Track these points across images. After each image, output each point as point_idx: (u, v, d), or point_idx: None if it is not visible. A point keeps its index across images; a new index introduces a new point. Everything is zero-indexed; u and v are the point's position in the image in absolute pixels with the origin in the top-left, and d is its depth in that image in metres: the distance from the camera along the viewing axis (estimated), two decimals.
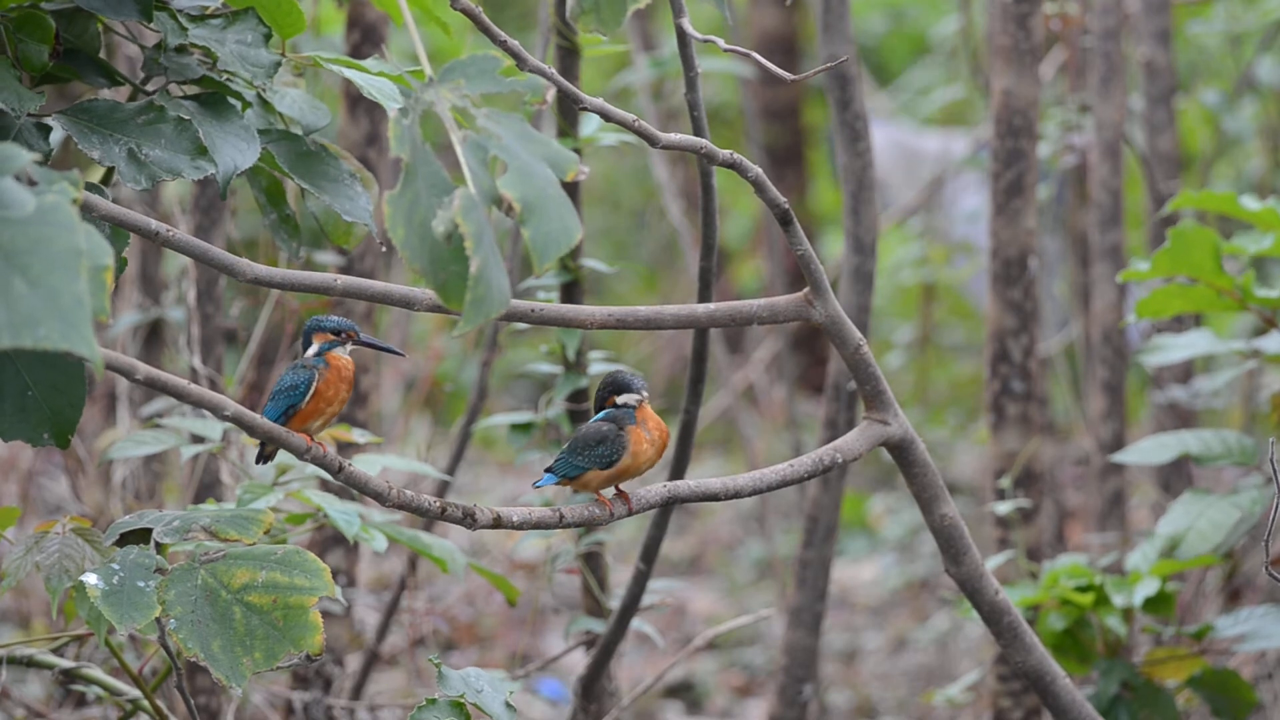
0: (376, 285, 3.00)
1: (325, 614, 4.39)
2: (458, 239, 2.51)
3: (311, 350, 3.11)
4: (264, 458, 3.16)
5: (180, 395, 2.80)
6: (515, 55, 2.93)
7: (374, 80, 3.14)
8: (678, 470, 4.06)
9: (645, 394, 3.22)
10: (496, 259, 2.52)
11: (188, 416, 4.52)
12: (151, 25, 3.07)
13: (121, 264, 3.03)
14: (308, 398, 3.06)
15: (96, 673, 3.79)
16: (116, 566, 2.96)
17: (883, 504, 9.00)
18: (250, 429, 2.90)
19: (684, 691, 7.21)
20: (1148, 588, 4.41)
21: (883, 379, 3.35)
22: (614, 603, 4.48)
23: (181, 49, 3.13)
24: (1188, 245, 4.40)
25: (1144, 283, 4.74)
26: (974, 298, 9.94)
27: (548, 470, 3.24)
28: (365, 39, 4.99)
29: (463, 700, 3.09)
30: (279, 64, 3.14)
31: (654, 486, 3.22)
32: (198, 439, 4.03)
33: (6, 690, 4.85)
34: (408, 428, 7.29)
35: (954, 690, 5.09)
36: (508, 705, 3.09)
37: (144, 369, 2.76)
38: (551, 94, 2.68)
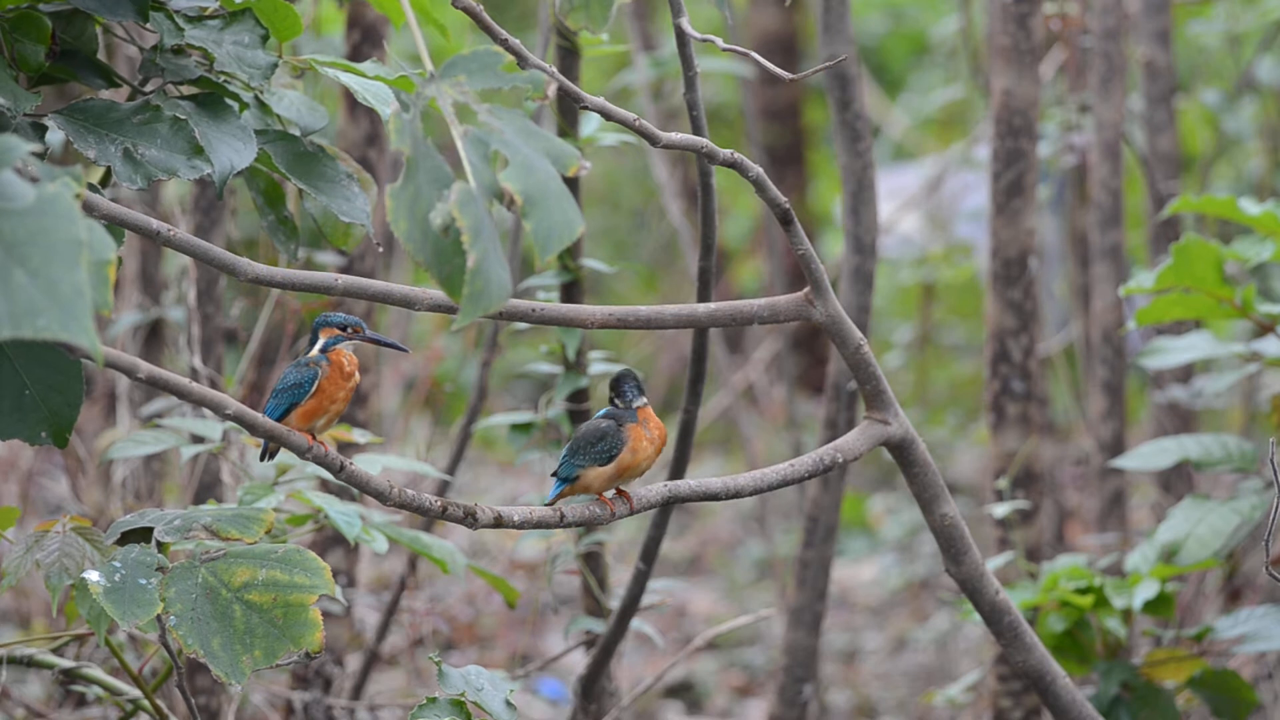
0: (377, 285, 3.00)
1: (325, 614, 4.39)
2: (455, 232, 2.51)
3: (318, 345, 3.11)
4: (268, 454, 3.17)
5: (182, 394, 2.80)
6: (517, 54, 2.93)
7: (368, 84, 3.14)
8: (678, 470, 4.06)
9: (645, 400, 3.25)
10: (496, 252, 2.52)
11: (188, 416, 4.52)
12: (148, 26, 3.07)
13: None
14: (310, 395, 3.06)
15: (96, 672, 3.79)
16: (118, 564, 2.97)
17: (883, 504, 9.00)
18: (252, 428, 2.90)
19: (684, 691, 7.21)
20: (1147, 590, 4.41)
21: (883, 378, 3.35)
22: (614, 603, 4.48)
23: (179, 50, 3.13)
24: (1190, 259, 4.40)
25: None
26: None
27: (553, 475, 3.25)
28: (365, 39, 4.99)
29: (463, 698, 3.09)
30: (276, 65, 3.14)
31: (654, 486, 3.22)
32: (198, 439, 4.03)
33: (6, 690, 4.84)
34: (408, 428, 7.29)
35: (954, 690, 5.09)
36: (508, 703, 3.09)
37: (146, 367, 2.76)
38: (553, 89, 2.68)
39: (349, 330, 3.13)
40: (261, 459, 3.22)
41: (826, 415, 4.69)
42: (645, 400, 3.24)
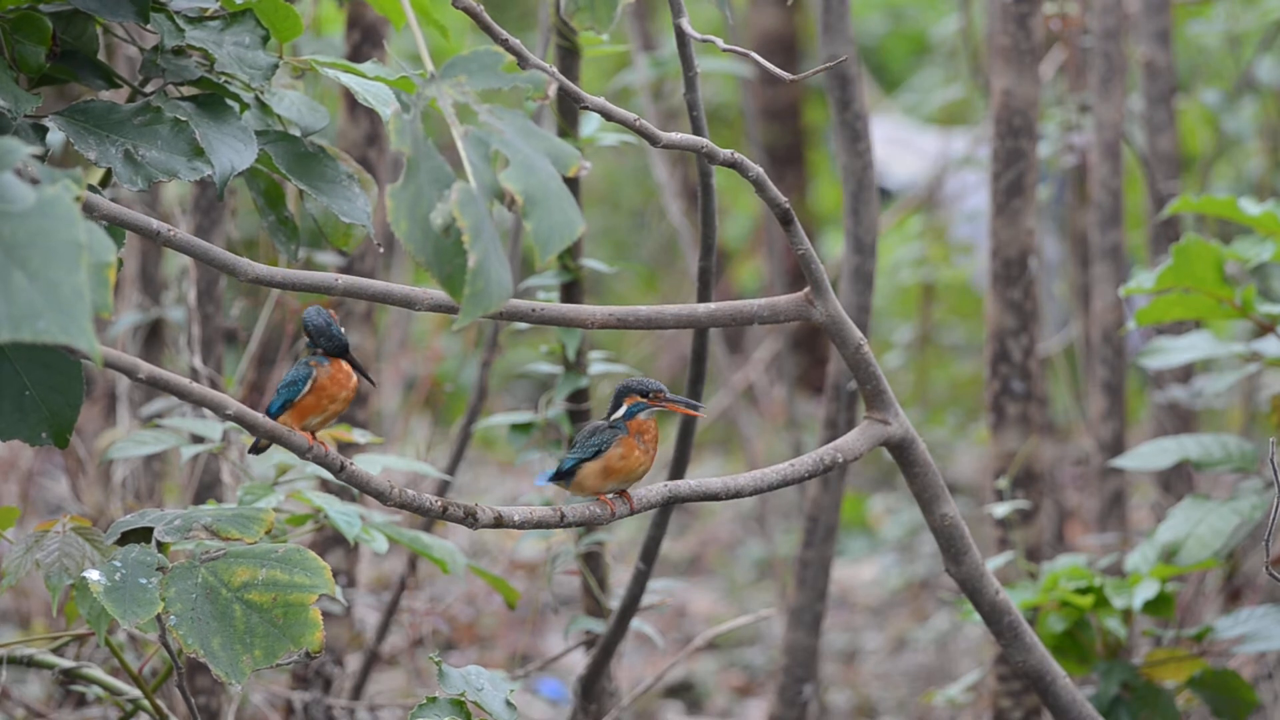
0: (377, 285, 3.00)
1: (325, 614, 4.39)
2: (456, 232, 2.51)
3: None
4: (256, 449, 3.17)
5: (183, 394, 2.81)
6: (517, 54, 2.93)
7: (369, 85, 3.15)
8: (678, 470, 4.06)
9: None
10: (497, 252, 2.52)
11: (188, 416, 4.52)
12: (149, 27, 3.07)
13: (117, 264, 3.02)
14: (305, 393, 3.06)
15: (96, 672, 3.79)
16: (118, 564, 2.97)
17: (883, 504, 9.00)
18: (252, 428, 2.91)
19: (684, 691, 7.21)
20: (1147, 590, 4.41)
21: (883, 378, 3.35)
22: (614, 603, 4.48)
23: (179, 51, 3.13)
24: (1190, 259, 4.40)
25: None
26: (982, 292, 9.94)
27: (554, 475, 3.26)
28: (365, 39, 4.99)
29: (463, 698, 3.09)
30: (276, 66, 3.14)
31: (654, 486, 3.23)
32: (198, 439, 4.03)
33: (6, 690, 4.85)
34: (408, 428, 7.30)
35: (954, 690, 5.09)
36: (508, 703, 3.10)
37: (146, 368, 2.76)
38: (553, 89, 2.68)
39: (318, 351, 3.12)
40: (251, 452, 3.22)
41: (826, 415, 4.69)
42: (637, 413, 3.22)
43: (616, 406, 3.23)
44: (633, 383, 3.23)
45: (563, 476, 3.22)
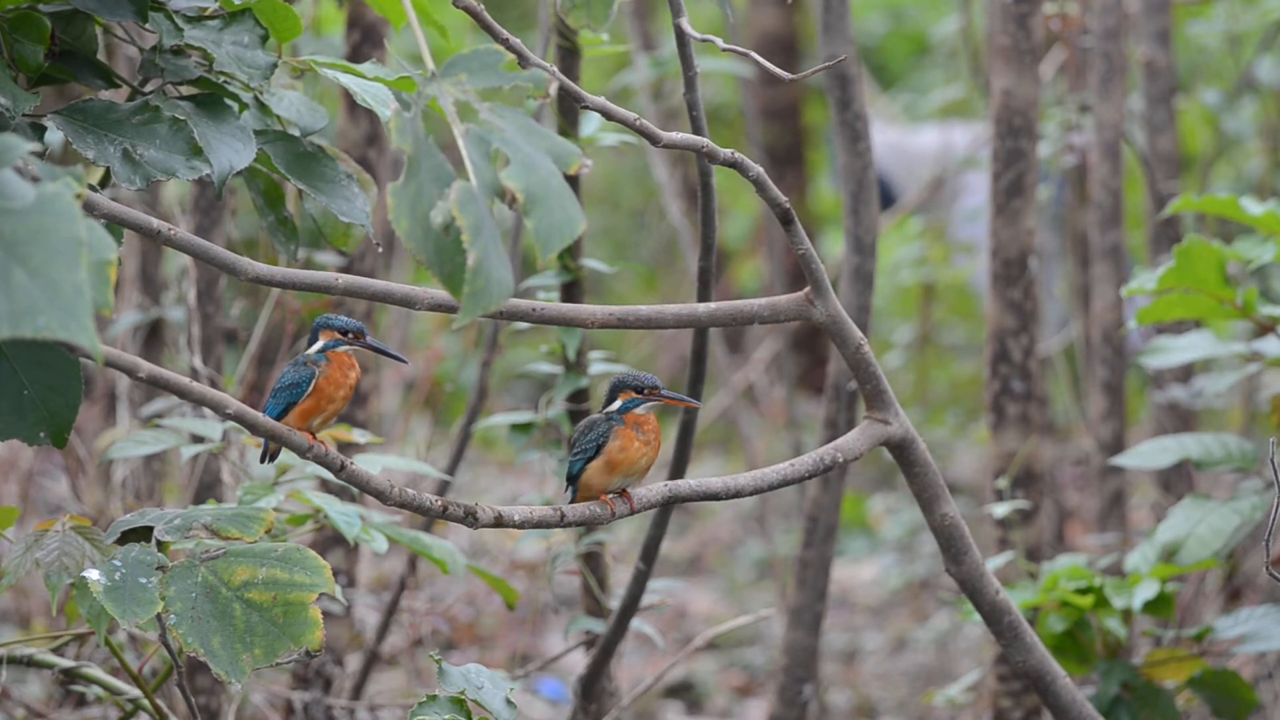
0: (377, 284, 3.00)
1: (325, 614, 4.39)
2: (456, 231, 2.51)
3: (316, 346, 3.11)
4: (268, 456, 3.18)
5: (183, 393, 2.80)
6: (518, 53, 2.93)
7: (368, 85, 3.14)
8: (678, 470, 4.06)
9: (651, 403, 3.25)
10: (497, 250, 2.52)
11: (188, 416, 4.52)
12: (148, 26, 3.07)
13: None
14: (307, 395, 3.06)
15: (96, 672, 3.78)
16: (118, 563, 2.97)
17: (883, 504, 9.00)
18: (252, 427, 2.90)
19: (684, 691, 7.21)
20: (1147, 590, 4.41)
21: (883, 378, 3.35)
22: (614, 603, 4.48)
23: (178, 50, 3.13)
24: (1192, 260, 4.39)
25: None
26: (982, 292, 9.95)
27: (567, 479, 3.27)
28: (365, 39, 4.99)
29: (463, 696, 3.09)
30: (275, 65, 3.14)
31: (654, 486, 3.22)
32: (198, 439, 4.03)
33: (6, 690, 4.84)
34: (408, 428, 7.29)
35: (954, 690, 5.09)
36: (508, 702, 3.09)
37: (147, 367, 2.76)
38: (554, 88, 2.68)
39: (350, 335, 3.13)
40: (262, 460, 3.22)
41: (826, 415, 4.69)
42: (632, 408, 3.22)
43: (610, 401, 3.23)
44: (627, 378, 3.23)
45: (572, 481, 3.23)
